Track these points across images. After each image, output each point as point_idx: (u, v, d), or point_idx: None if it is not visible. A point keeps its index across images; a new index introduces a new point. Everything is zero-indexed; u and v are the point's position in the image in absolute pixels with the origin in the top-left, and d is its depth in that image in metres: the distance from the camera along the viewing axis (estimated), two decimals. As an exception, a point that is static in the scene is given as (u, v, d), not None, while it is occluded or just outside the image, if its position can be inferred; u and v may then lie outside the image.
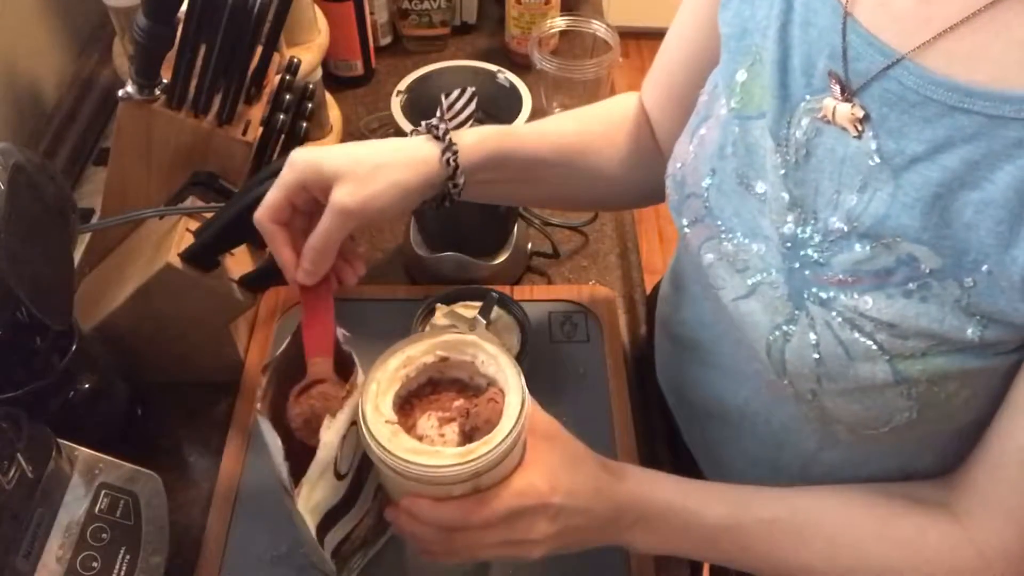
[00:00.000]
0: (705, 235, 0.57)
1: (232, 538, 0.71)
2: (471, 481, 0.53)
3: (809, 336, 0.50)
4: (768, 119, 0.51)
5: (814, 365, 0.51)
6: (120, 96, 0.70)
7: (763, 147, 0.52)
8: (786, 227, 0.51)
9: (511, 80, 0.84)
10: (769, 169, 0.52)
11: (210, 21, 0.67)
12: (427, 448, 0.52)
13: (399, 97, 0.81)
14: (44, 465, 0.57)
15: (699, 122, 0.58)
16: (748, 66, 0.53)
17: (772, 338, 0.53)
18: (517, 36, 1.20)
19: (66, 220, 0.64)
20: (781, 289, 0.52)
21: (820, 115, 0.49)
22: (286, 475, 0.54)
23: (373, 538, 0.68)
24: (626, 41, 1.06)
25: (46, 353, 0.65)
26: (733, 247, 0.55)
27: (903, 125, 0.45)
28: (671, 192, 0.61)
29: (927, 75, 0.44)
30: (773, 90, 0.51)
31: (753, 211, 0.54)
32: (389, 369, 0.56)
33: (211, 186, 0.75)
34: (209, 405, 0.81)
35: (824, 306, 0.50)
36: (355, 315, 0.86)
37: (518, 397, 0.54)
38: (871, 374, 0.49)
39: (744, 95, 0.53)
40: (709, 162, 0.56)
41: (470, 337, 0.57)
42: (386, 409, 0.54)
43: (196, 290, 0.70)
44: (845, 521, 0.57)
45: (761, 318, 0.53)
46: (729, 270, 0.55)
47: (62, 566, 0.57)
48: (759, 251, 0.53)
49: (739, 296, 0.55)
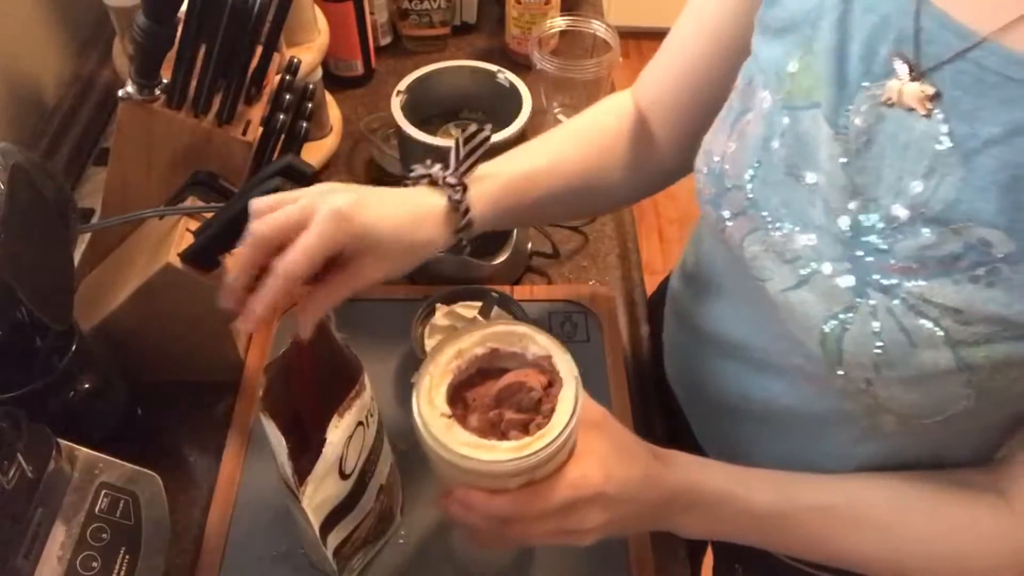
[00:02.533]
0: (749, 227, 0.56)
1: (232, 538, 0.71)
2: (525, 475, 0.53)
3: (871, 324, 0.50)
4: (824, 108, 0.51)
5: (875, 354, 0.50)
6: (120, 96, 0.70)
7: (817, 136, 0.52)
8: (846, 215, 0.51)
9: (511, 80, 0.84)
10: (824, 158, 0.51)
11: (210, 21, 0.67)
12: (483, 442, 0.52)
13: (399, 97, 0.81)
14: (44, 465, 0.57)
15: (736, 115, 0.58)
16: (799, 57, 0.53)
17: (828, 328, 0.52)
18: (517, 36, 1.20)
19: (66, 220, 0.64)
20: (839, 278, 0.51)
21: (883, 99, 0.48)
22: (291, 473, 0.54)
23: (374, 538, 0.68)
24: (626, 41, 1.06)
25: (46, 353, 0.65)
26: (781, 237, 0.54)
27: (977, 108, 0.45)
28: (706, 186, 0.60)
29: (1010, 55, 0.44)
30: (829, 79, 0.51)
31: (803, 201, 0.53)
32: (441, 363, 0.56)
33: (211, 186, 0.75)
34: (209, 405, 0.81)
35: (887, 293, 0.49)
36: (355, 315, 0.86)
37: (572, 390, 0.54)
38: (933, 361, 0.48)
39: (795, 86, 0.53)
40: (753, 154, 0.55)
41: (521, 328, 0.57)
42: (440, 402, 0.54)
43: (196, 290, 0.70)
44: (897, 509, 0.57)
45: (814, 309, 0.52)
46: (776, 261, 0.55)
47: (62, 566, 0.57)
48: (810, 241, 0.53)
49: (788, 287, 0.54)
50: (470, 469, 0.52)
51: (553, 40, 1.20)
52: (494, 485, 0.54)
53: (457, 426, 0.53)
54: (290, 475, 0.54)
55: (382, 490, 0.66)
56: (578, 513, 0.54)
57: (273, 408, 0.58)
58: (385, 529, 0.70)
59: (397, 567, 0.70)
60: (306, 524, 0.57)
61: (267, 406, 0.57)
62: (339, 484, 0.59)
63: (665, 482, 0.57)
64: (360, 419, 0.58)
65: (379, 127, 1.07)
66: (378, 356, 0.83)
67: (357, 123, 1.09)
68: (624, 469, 0.56)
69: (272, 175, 0.64)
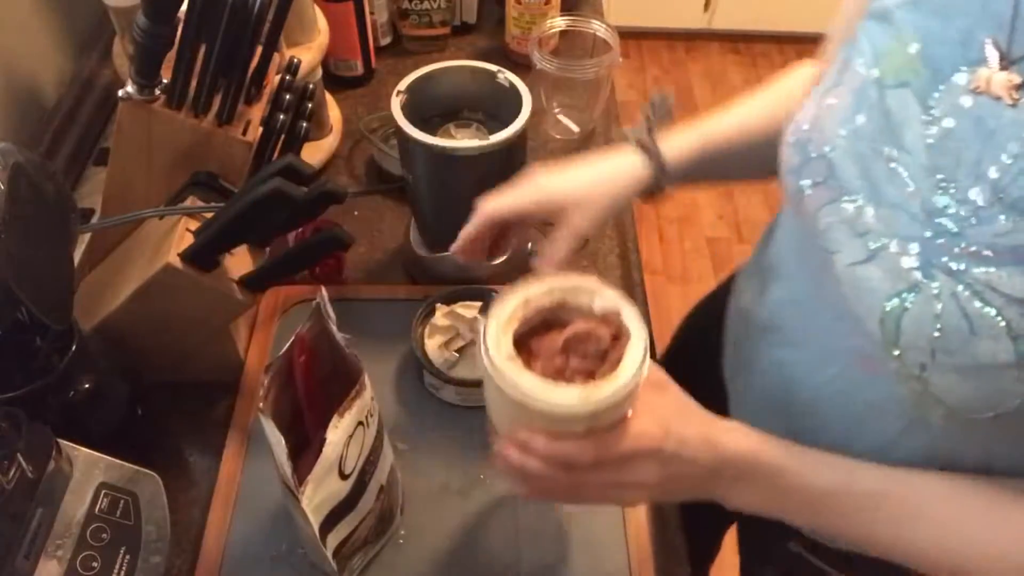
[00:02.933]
0: (827, 198, 0.57)
1: (232, 538, 0.71)
2: (588, 421, 0.53)
3: (933, 306, 0.49)
4: (915, 87, 0.51)
5: (932, 337, 0.50)
6: (120, 96, 0.70)
7: (903, 115, 0.52)
8: (921, 195, 0.51)
9: (511, 80, 0.84)
10: (908, 138, 0.52)
11: (210, 21, 0.67)
12: (551, 384, 0.53)
13: (399, 97, 0.81)
14: (44, 465, 0.57)
15: (828, 88, 0.58)
16: (895, 36, 0.53)
17: (889, 307, 0.52)
18: (517, 36, 1.20)
19: (66, 220, 0.64)
20: (906, 256, 0.51)
21: (973, 86, 0.49)
22: (290, 473, 0.54)
23: (374, 538, 0.68)
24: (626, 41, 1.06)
25: (46, 353, 0.65)
26: (855, 210, 0.54)
27: None
28: (790, 156, 0.61)
29: None
30: (924, 60, 0.51)
31: (881, 176, 0.53)
32: (507, 309, 0.57)
33: (211, 186, 0.75)
34: (209, 405, 0.81)
35: (953, 277, 0.49)
36: (355, 315, 0.86)
37: (641, 343, 0.55)
38: (992, 352, 0.48)
39: (888, 64, 0.53)
40: (838, 126, 0.56)
41: (590, 283, 0.58)
42: (506, 346, 0.55)
43: (196, 290, 0.70)
44: (956, 506, 0.56)
45: (879, 285, 0.52)
46: (848, 233, 0.55)
47: (62, 566, 0.57)
48: (884, 216, 0.53)
49: (856, 261, 0.54)
50: (536, 409, 0.52)
51: (553, 40, 1.20)
52: (556, 428, 0.54)
53: (525, 369, 0.53)
54: (290, 475, 0.54)
55: (382, 490, 0.66)
56: (635, 466, 0.55)
57: (273, 408, 0.58)
58: (385, 529, 0.70)
59: (397, 567, 0.70)
60: (306, 524, 0.57)
61: (267, 406, 0.57)
62: (339, 484, 0.59)
63: (722, 447, 0.57)
64: (360, 419, 0.58)
65: (379, 127, 1.07)
66: (378, 356, 0.83)
67: (357, 123, 1.09)
68: (684, 428, 0.56)
69: (272, 175, 0.64)
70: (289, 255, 0.73)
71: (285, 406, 0.62)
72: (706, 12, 2.91)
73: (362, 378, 0.58)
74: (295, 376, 0.62)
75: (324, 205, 0.67)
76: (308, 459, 0.56)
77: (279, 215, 0.67)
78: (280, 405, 0.61)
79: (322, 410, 0.60)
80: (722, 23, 2.95)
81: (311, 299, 0.65)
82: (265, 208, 0.64)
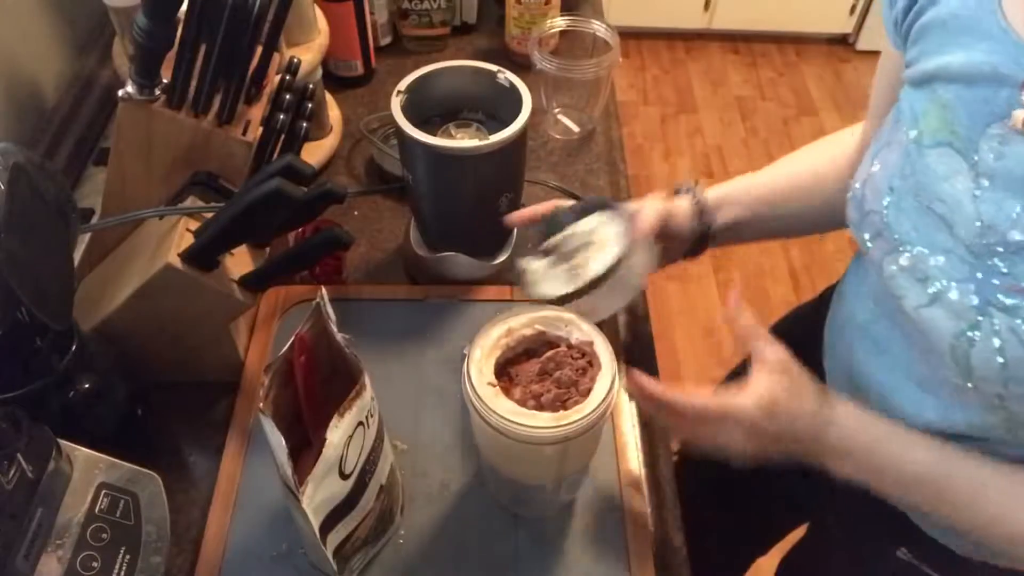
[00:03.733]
0: (886, 249, 0.61)
1: (232, 538, 0.71)
2: (561, 444, 0.60)
3: (993, 341, 0.54)
4: (955, 147, 0.56)
5: (999, 369, 0.54)
6: (120, 96, 0.70)
7: (947, 171, 0.56)
8: (972, 241, 0.55)
9: (511, 80, 0.84)
10: (952, 190, 0.56)
11: (210, 21, 0.67)
12: (523, 411, 0.60)
13: (399, 97, 0.81)
14: (44, 465, 0.57)
15: (880, 147, 0.63)
16: (930, 101, 0.58)
17: (956, 343, 0.56)
18: (517, 36, 1.20)
19: (66, 220, 0.64)
20: (965, 297, 0.55)
21: (1010, 125, 0.53)
22: (290, 473, 0.54)
23: (374, 538, 0.68)
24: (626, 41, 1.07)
25: (46, 353, 0.65)
26: (912, 259, 0.59)
27: None
28: (851, 211, 0.66)
29: None
30: (957, 121, 0.56)
31: (931, 226, 0.58)
32: (491, 338, 0.65)
33: (211, 186, 0.75)
34: (209, 405, 0.81)
35: (1008, 313, 0.53)
36: (355, 315, 0.86)
37: (609, 374, 0.62)
38: None
39: (926, 126, 0.58)
40: (888, 182, 0.61)
41: (567, 315, 0.66)
42: (488, 372, 0.62)
43: (196, 290, 0.70)
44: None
45: (944, 324, 0.57)
46: (910, 280, 0.59)
47: (62, 566, 0.57)
48: (938, 262, 0.57)
49: (921, 305, 0.59)
50: (511, 434, 0.59)
51: (553, 40, 1.20)
52: (530, 452, 0.61)
53: (502, 395, 0.61)
54: (290, 475, 0.54)
55: (382, 490, 0.66)
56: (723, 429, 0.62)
57: (273, 408, 0.58)
58: (385, 529, 0.70)
59: (397, 567, 0.70)
60: (306, 524, 0.57)
61: (267, 406, 0.57)
62: (339, 484, 0.59)
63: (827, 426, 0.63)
64: (360, 419, 0.58)
65: (379, 127, 1.07)
66: (378, 356, 0.83)
67: (357, 123, 1.09)
68: (797, 406, 0.62)
69: (272, 175, 0.64)
70: (289, 255, 0.73)
71: (285, 406, 0.62)
72: (706, 12, 2.91)
73: (362, 378, 0.58)
74: (295, 376, 0.62)
75: (324, 205, 0.67)
76: (308, 459, 0.56)
77: (279, 215, 0.67)
78: (280, 405, 0.61)
79: (322, 410, 0.60)
80: (722, 23, 2.96)
81: (311, 299, 0.65)
82: (265, 208, 0.64)
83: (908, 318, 0.60)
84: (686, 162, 2.62)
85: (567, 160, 1.10)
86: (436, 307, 0.88)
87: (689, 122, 2.76)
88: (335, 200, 0.67)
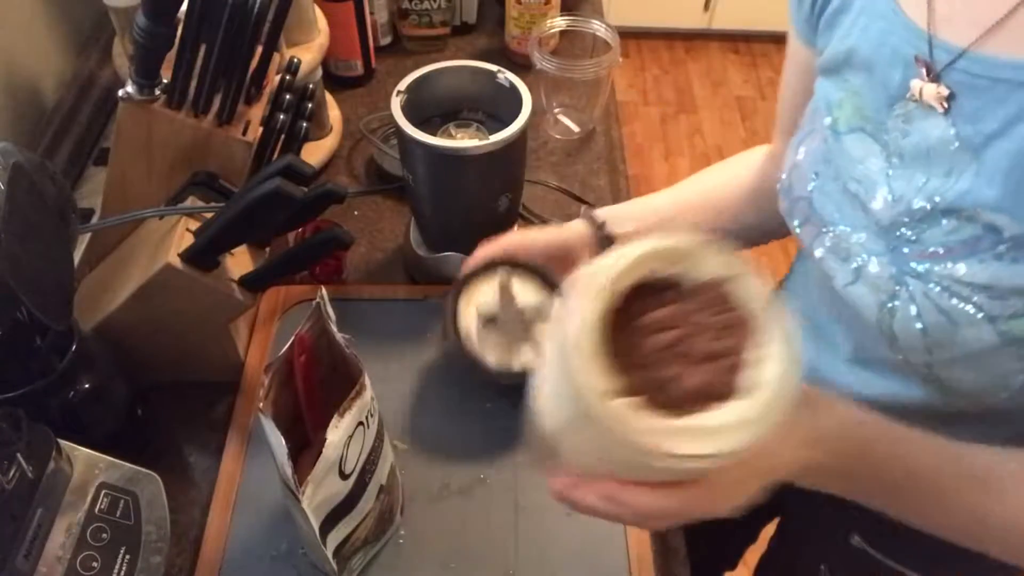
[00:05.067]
0: (814, 233, 0.64)
1: (232, 538, 0.71)
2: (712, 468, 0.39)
3: (911, 309, 0.55)
4: (867, 130, 0.59)
5: (921, 336, 0.55)
6: (120, 96, 0.70)
7: (861, 153, 0.59)
8: (884, 214, 0.57)
9: (511, 80, 0.83)
10: (866, 171, 0.59)
11: (210, 21, 0.67)
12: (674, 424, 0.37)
13: (399, 97, 0.81)
14: (44, 465, 0.57)
15: (803, 136, 0.66)
16: (839, 89, 0.61)
17: (880, 316, 0.58)
18: (517, 36, 1.20)
19: (66, 220, 0.64)
20: (881, 270, 0.58)
21: (908, 97, 0.55)
22: (291, 473, 0.54)
23: (374, 538, 0.68)
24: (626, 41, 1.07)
25: (46, 353, 0.65)
26: (835, 238, 0.62)
27: (977, 108, 0.51)
28: (782, 199, 0.68)
29: (994, 60, 0.50)
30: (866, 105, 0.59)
31: (850, 206, 0.61)
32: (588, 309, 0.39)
33: (211, 186, 0.75)
34: (209, 405, 0.81)
35: (921, 279, 0.54)
36: (355, 315, 0.86)
37: (781, 333, 0.39)
38: (976, 337, 0.52)
39: (840, 113, 0.61)
40: (812, 168, 0.64)
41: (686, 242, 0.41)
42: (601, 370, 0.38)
43: (196, 290, 0.70)
44: None
45: (868, 299, 0.59)
46: (836, 259, 0.62)
47: (62, 566, 0.57)
48: (859, 239, 0.60)
49: (848, 282, 0.61)
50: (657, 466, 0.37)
51: (553, 40, 1.20)
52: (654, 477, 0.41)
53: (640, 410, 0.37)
54: (290, 475, 0.54)
55: (382, 490, 0.66)
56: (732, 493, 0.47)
57: (273, 408, 0.58)
58: (385, 529, 0.70)
59: (397, 567, 0.70)
60: (306, 524, 0.57)
61: (267, 406, 0.57)
62: (339, 484, 0.59)
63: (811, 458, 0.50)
64: (360, 419, 0.58)
65: (379, 127, 1.07)
66: (378, 356, 0.83)
67: (357, 123, 1.09)
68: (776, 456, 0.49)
69: (272, 175, 0.64)
70: (289, 255, 0.73)
71: (285, 406, 0.62)
72: (706, 12, 2.91)
73: (362, 378, 0.58)
74: (295, 376, 0.62)
75: (324, 205, 0.67)
76: (308, 459, 0.56)
77: (279, 215, 0.67)
78: (280, 405, 0.61)
79: (322, 410, 0.60)
80: (722, 23, 2.95)
81: (311, 299, 0.65)
82: (265, 208, 0.64)
83: (839, 298, 0.62)
84: (686, 162, 2.62)
85: (567, 160, 1.10)
86: (436, 307, 0.88)
87: (689, 122, 2.76)
88: (335, 200, 0.67)
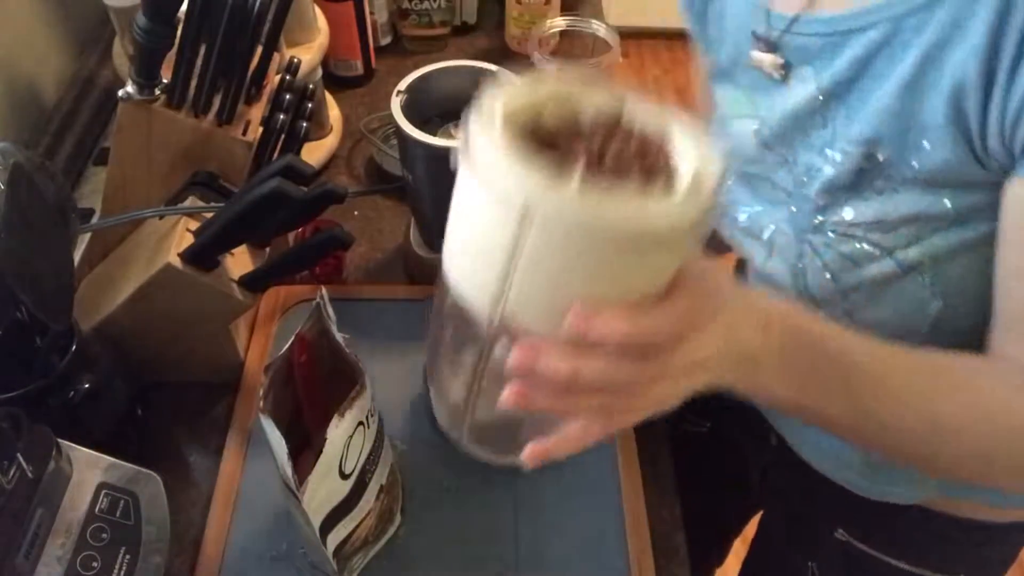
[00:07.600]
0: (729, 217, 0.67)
1: (232, 538, 0.71)
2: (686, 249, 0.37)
3: (816, 262, 0.59)
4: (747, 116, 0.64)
5: (833, 286, 0.58)
6: (120, 96, 0.70)
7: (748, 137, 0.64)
8: (779, 183, 0.62)
9: (511, 80, 0.84)
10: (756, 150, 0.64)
11: (210, 21, 0.67)
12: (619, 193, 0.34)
13: (399, 97, 0.81)
14: (44, 465, 0.57)
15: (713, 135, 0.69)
16: (720, 85, 0.68)
17: (795, 281, 0.61)
18: (517, 36, 1.20)
19: (66, 220, 0.64)
20: (786, 234, 0.61)
21: (748, 64, 0.61)
22: (291, 473, 0.54)
23: (374, 538, 0.68)
24: (626, 41, 1.06)
25: (46, 353, 0.65)
26: (748, 220, 0.65)
27: (822, 60, 0.56)
28: None
29: (821, 18, 0.56)
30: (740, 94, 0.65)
31: (753, 183, 0.65)
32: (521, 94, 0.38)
33: (211, 186, 0.75)
34: (209, 405, 0.81)
35: (818, 231, 0.58)
36: (355, 315, 0.86)
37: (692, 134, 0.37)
38: (879, 271, 0.56)
39: (725, 106, 0.68)
40: None
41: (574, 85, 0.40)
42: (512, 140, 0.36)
43: (196, 290, 0.70)
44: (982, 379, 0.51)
45: (782, 268, 0.62)
46: (751, 239, 0.65)
47: (62, 566, 0.57)
48: (765, 211, 0.64)
49: (766, 259, 0.64)
50: (621, 237, 0.33)
51: (553, 40, 1.20)
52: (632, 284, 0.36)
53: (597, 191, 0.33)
54: (290, 475, 0.54)
55: (382, 490, 0.66)
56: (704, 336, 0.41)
57: (273, 408, 0.58)
58: (385, 529, 0.70)
59: (397, 567, 0.70)
60: (306, 524, 0.57)
61: (267, 406, 0.57)
62: (339, 484, 0.59)
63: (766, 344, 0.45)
64: (360, 419, 0.58)
65: (379, 127, 1.07)
66: (378, 356, 0.82)
67: (357, 123, 1.09)
68: None
69: (272, 175, 0.64)
70: (289, 255, 0.73)
71: (285, 406, 0.62)
72: (706, 12, 2.92)
73: (362, 378, 0.58)
74: (295, 376, 0.62)
75: (324, 205, 0.67)
76: (308, 459, 0.56)
77: (279, 215, 0.67)
78: (280, 405, 0.61)
79: (322, 410, 0.60)
80: (722, 23, 2.96)
81: (311, 299, 0.65)
82: (265, 208, 0.64)
83: (762, 283, 0.65)
84: (686, 162, 2.62)
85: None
86: (436, 307, 0.88)
87: (689, 122, 2.76)
88: (335, 200, 0.67)
